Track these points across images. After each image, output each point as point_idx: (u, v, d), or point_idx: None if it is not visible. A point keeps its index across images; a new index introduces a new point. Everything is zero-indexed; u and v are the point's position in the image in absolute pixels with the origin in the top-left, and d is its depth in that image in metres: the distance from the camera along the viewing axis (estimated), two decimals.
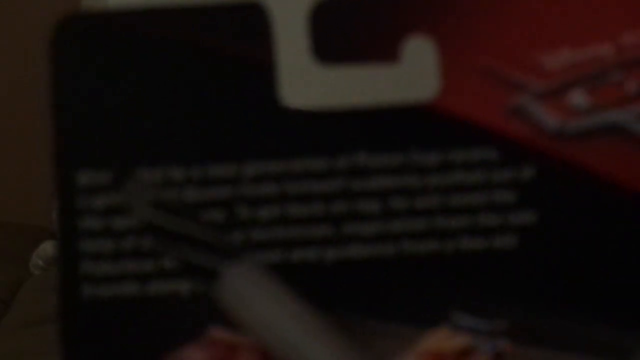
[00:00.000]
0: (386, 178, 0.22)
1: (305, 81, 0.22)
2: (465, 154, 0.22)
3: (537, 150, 0.22)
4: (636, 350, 0.22)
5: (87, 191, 0.22)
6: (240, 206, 0.22)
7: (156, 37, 0.22)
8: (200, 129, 0.22)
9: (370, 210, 0.22)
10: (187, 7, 0.22)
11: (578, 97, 0.22)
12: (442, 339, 0.22)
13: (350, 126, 0.22)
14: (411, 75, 0.22)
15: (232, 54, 0.22)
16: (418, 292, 0.22)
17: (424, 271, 0.22)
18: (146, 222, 0.22)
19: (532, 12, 0.22)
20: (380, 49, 0.22)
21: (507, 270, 0.22)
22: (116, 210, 0.22)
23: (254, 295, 0.21)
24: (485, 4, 0.22)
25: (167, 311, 0.22)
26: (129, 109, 0.22)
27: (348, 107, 0.22)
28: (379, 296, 0.22)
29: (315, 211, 0.22)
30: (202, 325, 0.22)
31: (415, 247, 0.22)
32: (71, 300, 0.22)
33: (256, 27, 0.22)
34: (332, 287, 0.22)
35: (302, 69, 0.22)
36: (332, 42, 0.22)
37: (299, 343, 0.21)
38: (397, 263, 0.22)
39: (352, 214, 0.22)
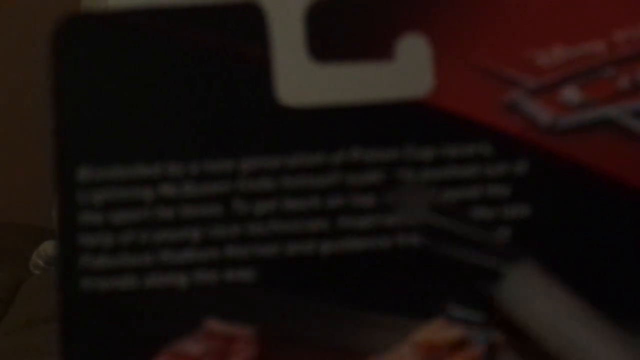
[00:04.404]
0: (381, 173, 0.22)
1: (301, 79, 0.22)
2: (460, 148, 0.22)
3: (531, 145, 0.22)
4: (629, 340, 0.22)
5: (87, 186, 0.22)
6: (237, 201, 0.22)
7: (155, 36, 0.22)
8: (198, 126, 0.22)
9: (366, 204, 0.22)
10: (186, 6, 0.22)
11: (571, 93, 0.22)
12: (436, 330, 0.22)
13: (345, 122, 0.22)
14: (406, 72, 0.22)
15: (229, 52, 0.22)
16: (413, 285, 0.22)
17: (419, 263, 0.22)
18: (423, 223, 0.22)
19: (526, 10, 0.23)
20: (375, 46, 0.22)
21: None
22: (115, 205, 0.22)
23: (537, 296, 0.21)
24: (479, 2, 0.23)
25: (164, 304, 0.22)
26: (128, 106, 0.22)
27: (344, 104, 0.22)
28: (374, 288, 0.22)
29: (312, 205, 0.22)
30: (199, 318, 0.22)
31: (410, 240, 0.22)
32: (70, 293, 0.22)
33: (253, 26, 0.22)
34: (328, 280, 0.22)
35: (298, 67, 0.22)
36: (328, 40, 0.23)
37: (586, 345, 0.21)
38: (392, 256, 0.22)
39: (348, 208, 0.22)
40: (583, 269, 0.22)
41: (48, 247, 1.07)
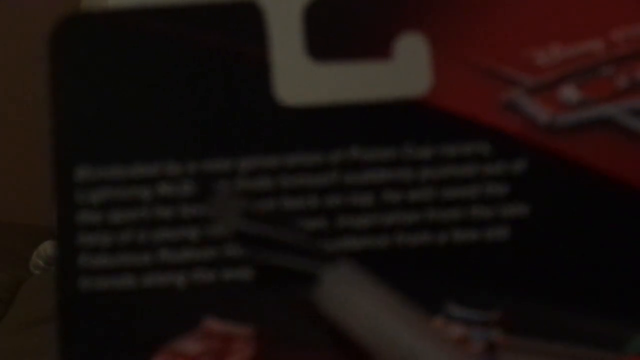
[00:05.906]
0: (380, 172, 0.22)
1: (299, 78, 0.22)
2: (458, 147, 0.22)
3: (529, 144, 0.22)
4: (628, 339, 0.22)
5: (85, 186, 0.22)
6: None
7: (153, 36, 0.22)
8: (196, 125, 0.22)
9: (364, 203, 0.22)
10: (185, 6, 0.22)
11: (569, 92, 0.22)
12: None
13: (344, 121, 0.22)
14: (404, 71, 0.22)
15: (227, 51, 0.22)
16: (412, 284, 0.22)
17: (417, 263, 0.22)
18: (237, 231, 0.22)
19: (524, 9, 0.23)
20: (373, 45, 0.22)
21: (500, 262, 0.22)
22: (113, 204, 0.22)
23: (356, 297, 0.21)
24: (477, 1, 0.23)
25: (163, 303, 0.22)
26: (126, 105, 0.22)
27: (342, 103, 0.22)
28: None
29: (310, 204, 0.22)
30: (198, 317, 0.22)
31: (409, 239, 0.22)
32: (69, 293, 0.22)
33: (251, 25, 0.22)
34: None
35: (296, 66, 0.22)
36: (326, 39, 0.23)
37: (406, 343, 0.21)
38: (390, 255, 0.22)
39: (346, 207, 0.22)
40: (581, 268, 0.22)
41: (48, 247, 1.07)
